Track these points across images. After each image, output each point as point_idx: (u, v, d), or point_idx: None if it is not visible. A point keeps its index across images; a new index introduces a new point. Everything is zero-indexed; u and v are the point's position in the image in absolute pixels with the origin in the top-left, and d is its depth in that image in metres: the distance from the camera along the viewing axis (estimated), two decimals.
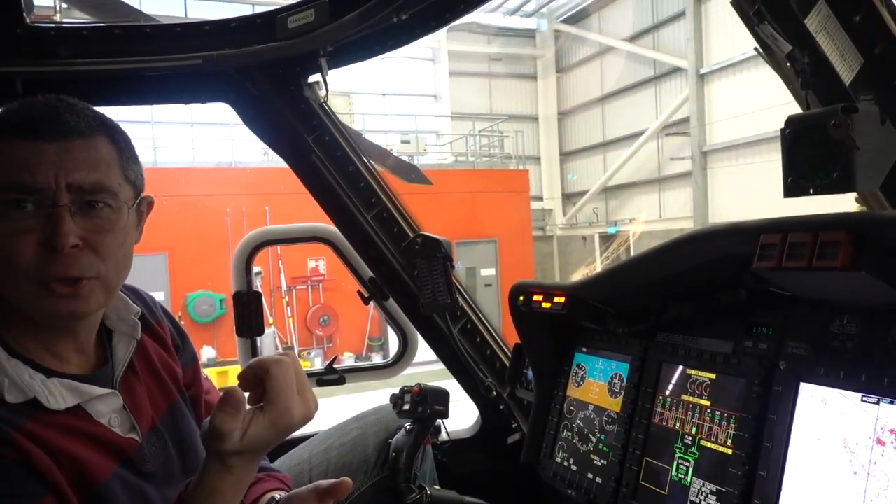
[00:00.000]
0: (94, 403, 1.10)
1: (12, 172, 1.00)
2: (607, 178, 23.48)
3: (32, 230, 1.01)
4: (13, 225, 1.00)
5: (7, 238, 1.00)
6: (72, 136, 1.04)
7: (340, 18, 1.80)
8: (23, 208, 1.00)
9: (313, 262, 15.30)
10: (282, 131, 2.14)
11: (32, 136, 1.02)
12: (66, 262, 1.02)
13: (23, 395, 1.01)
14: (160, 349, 1.33)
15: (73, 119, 1.05)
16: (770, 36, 1.08)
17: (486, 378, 2.37)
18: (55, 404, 1.04)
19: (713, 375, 1.48)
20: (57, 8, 10.36)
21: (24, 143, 1.01)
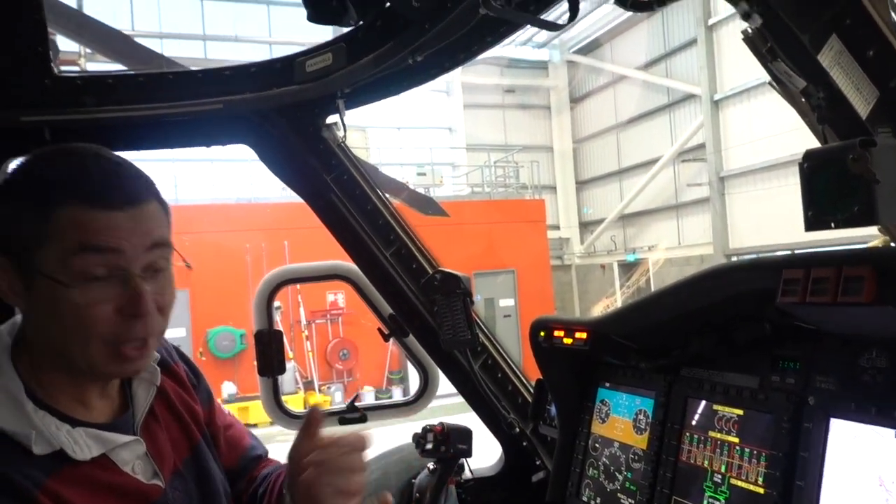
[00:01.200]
0: (118, 451, 1.11)
1: (88, 241, 1.02)
2: (624, 206, 23.42)
3: (110, 299, 1.04)
4: (92, 294, 1.03)
5: (86, 308, 1.03)
6: (136, 202, 1.08)
7: (357, 61, 1.84)
8: (100, 278, 1.04)
9: (332, 296, 15.35)
10: (301, 172, 2.17)
11: (103, 204, 1.04)
12: (142, 326, 1.07)
13: (49, 446, 1.02)
14: (180, 390, 1.33)
15: (132, 184, 1.10)
16: (784, 73, 1.08)
17: (508, 414, 2.34)
18: (81, 455, 1.05)
19: (740, 411, 1.45)
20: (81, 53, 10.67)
21: (94, 212, 1.03)
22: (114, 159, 1.13)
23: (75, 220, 1.02)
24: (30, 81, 1.89)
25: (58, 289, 1.01)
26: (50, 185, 1.05)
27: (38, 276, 1.02)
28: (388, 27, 1.73)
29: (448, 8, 1.48)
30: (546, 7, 1.45)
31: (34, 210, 1.03)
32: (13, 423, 1.00)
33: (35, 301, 1.05)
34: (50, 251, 1.02)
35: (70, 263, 1.01)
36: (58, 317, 1.03)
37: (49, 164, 1.09)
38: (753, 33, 1.13)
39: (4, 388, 1.03)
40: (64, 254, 1.02)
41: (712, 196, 19.69)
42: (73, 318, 1.03)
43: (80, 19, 2.94)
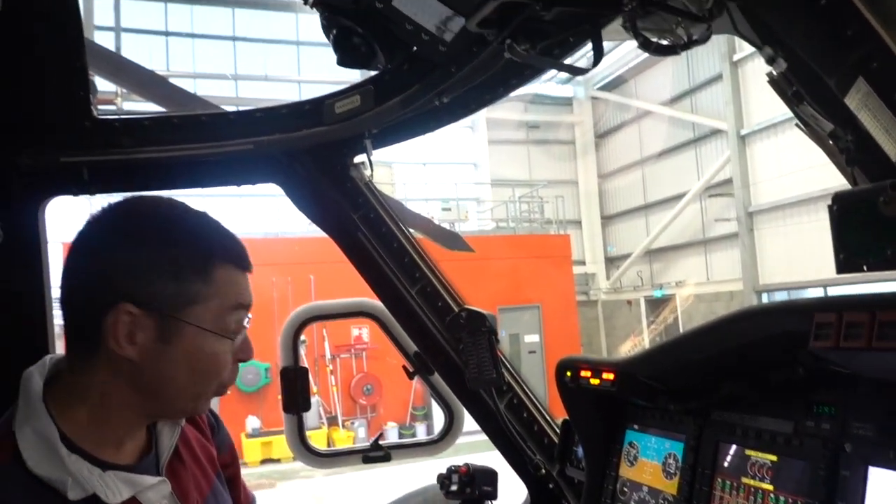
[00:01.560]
0: (146, 492, 1.12)
1: (242, 300, 1.17)
2: (650, 241, 23.23)
3: (233, 350, 1.18)
4: (228, 346, 1.16)
5: (222, 356, 1.15)
6: (251, 268, 1.22)
7: (385, 103, 1.88)
8: (239, 333, 1.18)
9: (356, 331, 15.37)
10: (328, 210, 2.20)
11: (245, 267, 1.20)
12: (237, 373, 1.22)
13: (83, 491, 1.03)
14: (196, 432, 1.36)
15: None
16: (811, 116, 1.08)
17: (534, 455, 2.30)
18: (113, 499, 1.06)
19: (774, 457, 1.41)
20: (118, 92, 11.07)
21: (240, 273, 1.19)
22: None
23: (231, 280, 1.16)
24: (71, 124, 1.97)
25: (202, 338, 1.11)
26: (213, 249, 1.15)
27: (184, 328, 1.10)
28: (415, 70, 1.78)
29: (474, 52, 1.52)
30: (570, 51, 1.47)
31: (200, 271, 1.12)
32: (49, 470, 1.01)
33: (170, 353, 1.10)
34: (209, 307, 1.12)
35: (225, 318, 1.14)
36: (196, 366, 1.13)
37: (205, 226, 1.19)
38: (778, 77, 1.14)
39: (40, 434, 1.03)
40: (222, 310, 1.13)
41: (741, 231, 19.44)
42: (212, 367, 1.14)
43: (119, 62, 3.05)
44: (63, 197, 2.08)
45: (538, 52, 1.37)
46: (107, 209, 1.15)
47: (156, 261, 1.09)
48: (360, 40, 1.64)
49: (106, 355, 1.08)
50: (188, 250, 1.12)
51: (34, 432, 1.03)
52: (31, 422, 1.04)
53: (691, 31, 1.19)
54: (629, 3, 1.14)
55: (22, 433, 1.03)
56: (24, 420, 1.04)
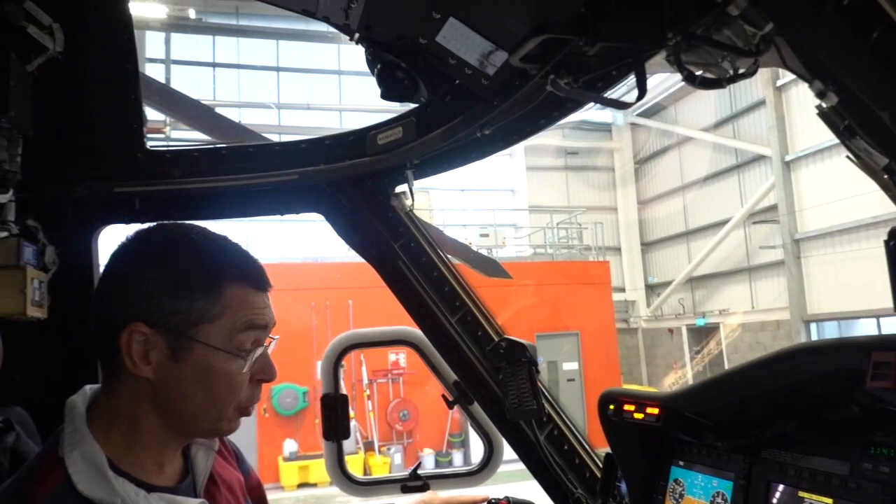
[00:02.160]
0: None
1: (254, 320, 1.16)
2: (692, 268, 22.78)
3: (249, 370, 1.17)
4: (242, 365, 1.15)
5: (237, 375, 1.15)
6: (270, 286, 1.23)
7: (426, 135, 1.91)
8: (254, 351, 1.16)
9: (394, 356, 15.37)
10: (369, 239, 2.23)
11: (260, 286, 1.20)
12: (262, 391, 1.22)
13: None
14: (221, 459, 1.39)
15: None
16: (863, 150, 1.05)
17: (575, 489, 2.25)
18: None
19: (830, 500, 1.35)
20: (166, 122, 11.50)
21: (254, 292, 1.18)
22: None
23: (244, 299, 1.16)
24: (124, 155, 2.04)
25: (214, 357, 1.12)
26: (222, 268, 1.17)
27: (195, 346, 1.11)
28: (457, 102, 1.80)
29: (516, 86, 1.53)
30: (612, 84, 1.47)
31: (208, 290, 1.13)
32: (99, 492, 1.04)
33: (183, 371, 1.12)
34: (218, 326, 1.13)
35: (236, 337, 1.14)
36: (209, 384, 1.13)
37: (216, 247, 1.20)
38: (829, 110, 1.11)
39: (89, 458, 1.07)
40: (232, 329, 1.13)
41: (787, 259, 18.93)
42: (225, 386, 1.14)
43: (170, 95, 3.17)
44: (115, 226, 2.16)
45: (580, 85, 1.37)
46: (130, 236, 1.19)
47: (165, 280, 1.12)
48: (403, 74, 1.67)
49: (128, 377, 1.11)
50: (197, 269, 1.15)
51: (82, 457, 1.06)
52: (79, 447, 1.07)
53: (737, 65, 1.18)
54: (673, 37, 1.14)
55: (71, 458, 1.06)
56: (73, 445, 1.07)
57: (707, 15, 1.16)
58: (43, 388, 1.78)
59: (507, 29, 1.48)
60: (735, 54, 1.16)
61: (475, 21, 1.52)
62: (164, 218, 2.20)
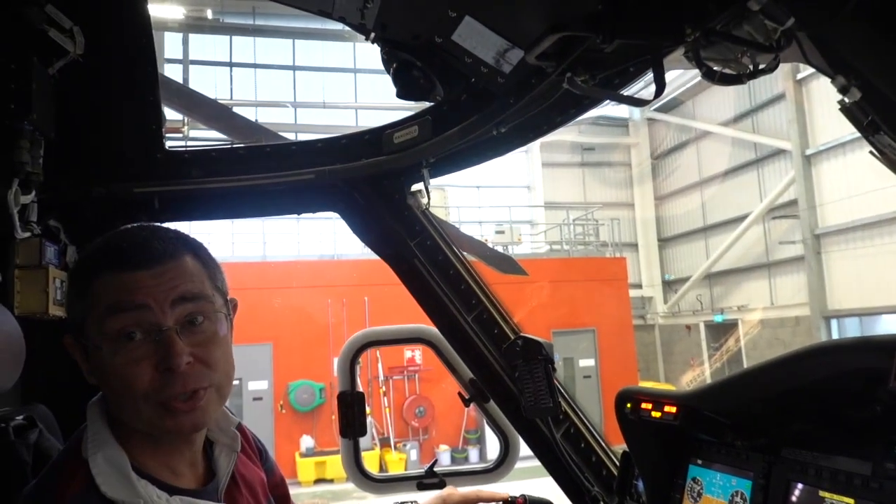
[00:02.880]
0: None
1: (116, 302, 1.08)
2: (710, 264, 22.56)
3: (146, 357, 1.07)
4: (128, 355, 1.07)
5: (124, 368, 1.07)
6: (162, 260, 1.11)
7: (442, 133, 1.91)
8: (133, 338, 1.07)
9: (409, 353, 15.42)
10: (386, 237, 2.24)
11: (129, 266, 1.09)
12: (182, 379, 1.08)
13: None
14: (245, 458, 1.38)
15: (160, 244, 1.13)
16: (888, 145, 1.04)
17: (592, 487, 2.25)
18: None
19: (852, 501, 1.34)
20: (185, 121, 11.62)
21: (121, 274, 1.09)
22: (149, 227, 1.19)
23: (106, 286, 1.09)
24: (144, 156, 2.07)
25: (101, 354, 1.08)
26: (88, 263, 1.14)
27: (90, 348, 1.10)
28: (473, 101, 1.80)
29: (532, 84, 1.52)
30: (630, 81, 1.46)
31: (78, 287, 1.13)
32: (124, 494, 1.05)
33: (95, 373, 1.12)
34: (91, 320, 1.09)
35: (105, 327, 1.07)
36: (107, 382, 1.10)
37: (91, 247, 1.17)
38: (852, 105, 1.10)
39: (112, 460, 1.08)
40: (100, 319, 1.07)
41: (807, 254, 18.68)
42: (118, 380, 1.08)
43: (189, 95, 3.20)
44: None
45: (597, 83, 1.37)
46: None
47: (68, 289, 1.17)
48: (419, 73, 1.67)
49: None
50: (74, 272, 1.18)
51: (106, 460, 1.08)
52: (102, 449, 1.09)
53: (758, 60, 1.16)
54: (692, 33, 1.13)
55: (94, 460, 1.07)
56: (97, 448, 1.09)
57: (727, 10, 1.14)
58: (64, 386, 1.81)
59: (523, 27, 1.48)
60: (755, 50, 1.14)
61: (491, 19, 1.51)
62: (182, 218, 2.23)
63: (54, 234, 1.97)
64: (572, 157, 25.40)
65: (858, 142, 16.28)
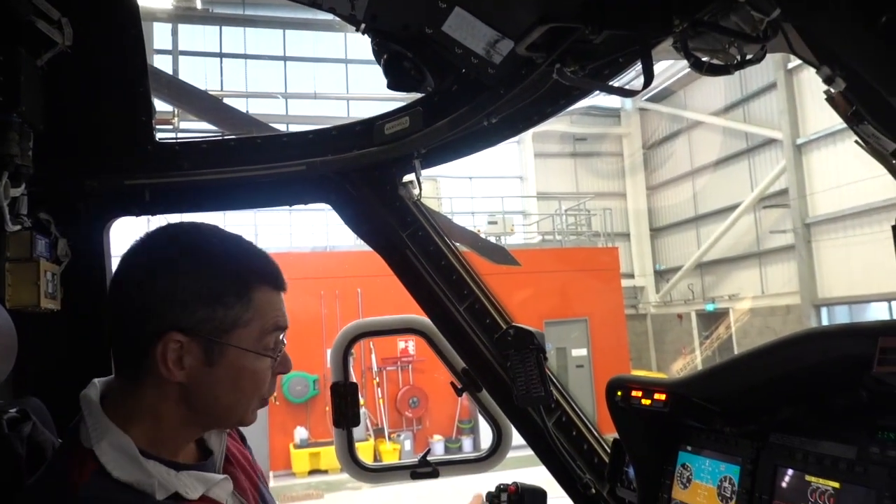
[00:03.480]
0: (215, 489, 1.19)
1: (278, 319, 1.22)
2: (702, 254, 22.68)
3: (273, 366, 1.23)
4: (268, 363, 1.21)
5: (262, 373, 1.21)
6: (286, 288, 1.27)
7: (433, 124, 1.91)
8: (278, 353, 1.23)
9: (403, 344, 15.45)
10: (377, 228, 2.24)
11: (281, 287, 1.25)
12: (276, 384, 1.27)
13: (166, 491, 1.11)
14: (231, 440, 1.43)
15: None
16: (872, 135, 1.05)
17: (583, 474, 2.27)
18: (192, 494, 1.14)
19: (837, 484, 1.36)
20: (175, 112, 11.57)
21: (277, 294, 1.24)
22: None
23: (269, 301, 1.21)
24: (134, 148, 2.06)
25: (244, 358, 1.17)
26: (249, 273, 1.20)
27: (226, 350, 1.15)
28: (463, 92, 1.80)
29: (522, 74, 1.53)
30: (619, 72, 1.47)
31: (239, 295, 1.17)
32: (136, 475, 1.08)
33: (215, 374, 1.16)
34: (250, 330, 1.17)
35: (264, 339, 1.19)
36: (239, 384, 1.18)
37: (239, 251, 1.24)
38: (837, 96, 1.11)
39: (117, 446, 1.10)
40: (262, 331, 1.19)
41: (798, 243, 18.81)
42: (253, 383, 1.20)
43: (178, 86, 3.18)
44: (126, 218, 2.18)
45: (587, 73, 1.37)
46: (143, 241, 1.20)
47: (197, 289, 1.14)
48: (410, 64, 1.67)
49: (154, 379, 1.14)
50: (226, 275, 1.17)
51: (112, 446, 1.10)
52: (106, 437, 1.10)
53: (745, 51, 1.17)
54: (680, 23, 1.14)
55: (100, 448, 1.09)
56: (99, 436, 1.10)
57: (714, 1, 1.15)
58: (57, 378, 1.81)
59: (513, 17, 1.48)
60: (742, 40, 1.15)
61: (481, 10, 1.52)
62: (174, 210, 2.22)
63: (45, 227, 1.96)
64: (564, 147, 25.42)
65: (848, 131, 16.31)
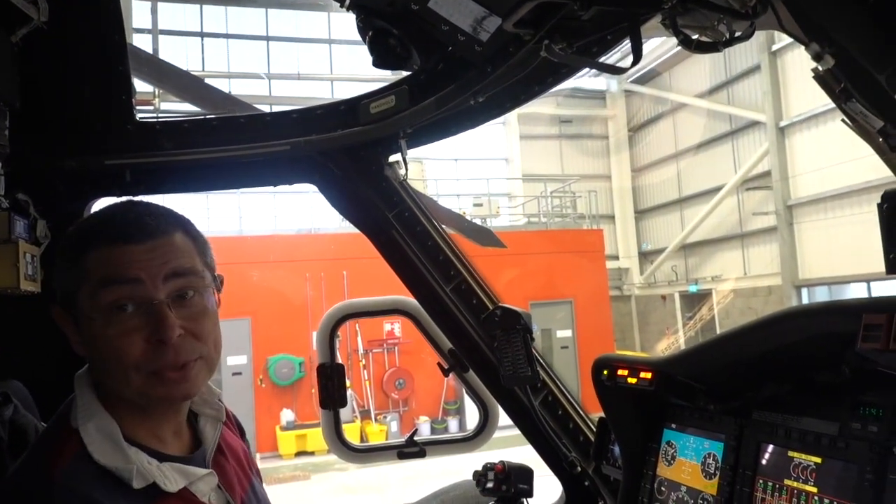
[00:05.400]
0: (198, 483, 1.17)
1: (110, 274, 1.10)
2: (685, 235, 22.85)
3: (138, 329, 1.10)
4: (120, 327, 1.09)
5: (117, 339, 1.09)
6: (154, 235, 1.14)
7: (419, 103, 1.89)
8: (125, 310, 1.10)
9: (389, 326, 15.47)
10: (363, 208, 2.22)
11: (123, 240, 1.12)
12: (174, 350, 1.11)
13: (144, 480, 1.08)
14: (227, 429, 1.40)
15: (152, 220, 1.16)
16: (859, 112, 1.05)
17: (569, 452, 2.30)
18: (170, 487, 1.11)
19: (819, 459, 1.38)
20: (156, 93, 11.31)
21: (114, 248, 1.11)
22: (141, 204, 1.21)
23: (100, 259, 1.11)
24: (114, 128, 2.02)
25: (93, 325, 1.10)
26: (80, 236, 1.15)
27: (81, 319, 1.11)
28: (450, 70, 1.78)
29: (510, 52, 1.51)
30: (607, 49, 1.46)
31: (69, 259, 1.13)
32: (115, 461, 1.07)
33: (85, 343, 1.13)
34: (83, 292, 1.11)
35: (98, 299, 1.09)
36: (98, 352, 1.11)
37: (83, 220, 1.21)
38: (825, 73, 1.11)
39: (103, 430, 1.09)
40: (93, 291, 1.10)
41: (780, 225, 19.00)
42: (110, 351, 1.10)
43: (159, 66, 3.12)
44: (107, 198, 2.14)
45: (575, 51, 1.36)
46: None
47: (57, 261, 1.16)
48: (395, 41, 1.65)
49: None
50: (71, 242, 1.16)
51: (97, 429, 1.09)
52: (93, 419, 1.10)
53: (734, 28, 1.16)
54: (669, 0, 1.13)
55: (86, 430, 1.08)
56: (87, 417, 1.10)
57: None
58: (38, 361, 1.79)
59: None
60: (731, 17, 1.15)
61: None
62: (156, 191, 2.19)
63: (23, 208, 1.92)
64: (550, 129, 25.37)
65: (830, 113, 16.50)
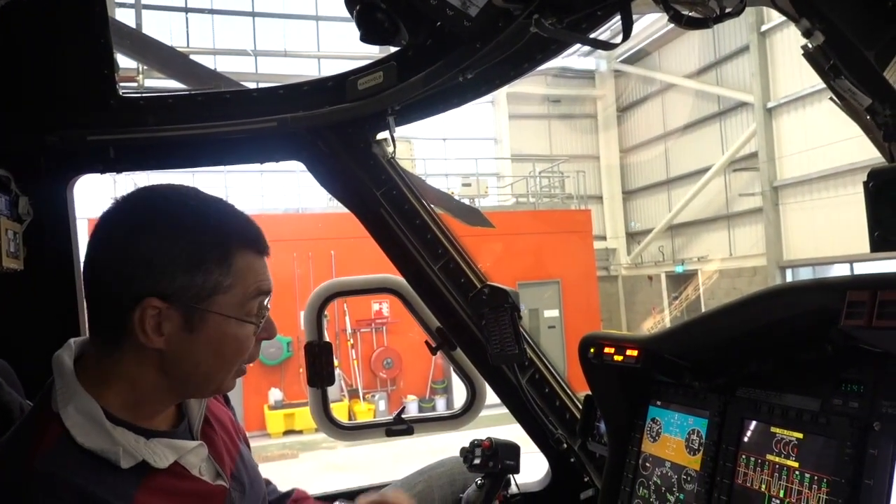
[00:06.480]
0: (187, 456, 1.17)
1: (261, 283, 1.18)
2: (673, 216, 22.97)
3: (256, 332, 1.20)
4: (252, 329, 1.18)
5: (246, 340, 1.18)
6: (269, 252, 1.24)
7: (408, 79, 1.87)
8: (263, 317, 1.20)
9: (377, 305, 15.49)
10: (351, 186, 2.21)
11: (264, 251, 1.22)
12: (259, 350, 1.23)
13: (133, 459, 1.07)
14: (216, 402, 1.41)
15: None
16: (847, 90, 1.05)
17: (555, 430, 2.32)
18: (160, 463, 1.11)
19: (800, 435, 1.40)
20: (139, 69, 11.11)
21: (260, 258, 1.20)
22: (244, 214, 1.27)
23: (250, 267, 1.17)
24: (97, 103, 1.98)
25: (231, 327, 1.14)
26: (230, 237, 1.16)
27: (210, 318, 1.12)
28: (438, 46, 1.76)
29: (499, 27, 1.50)
30: (597, 25, 1.45)
31: (219, 261, 1.13)
32: (99, 443, 1.05)
33: (196, 340, 1.12)
34: (231, 296, 1.14)
35: (247, 305, 1.16)
36: (220, 351, 1.15)
37: (220, 214, 1.19)
38: (815, 50, 1.11)
39: (83, 411, 1.06)
40: (244, 297, 1.15)
41: (765, 206, 19.14)
42: (234, 350, 1.17)
43: (142, 40, 3.06)
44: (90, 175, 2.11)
45: (565, 26, 1.35)
46: (120, 203, 1.16)
47: (176, 254, 1.10)
48: (383, 16, 1.63)
49: (132, 345, 1.10)
50: (207, 240, 1.13)
51: (78, 410, 1.06)
52: (73, 401, 1.07)
53: (724, 4, 1.16)
54: None
55: (66, 412, 1.06)
56: (67, 400, 1.07)
57: None
58: (23, 338, 1.77)
59: None
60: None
61: None
62: (140, 167, 2.16)
63: (5, 185, 1.90)
64: (539, 108, 25.28)
65: (817, 94, 16.55)
